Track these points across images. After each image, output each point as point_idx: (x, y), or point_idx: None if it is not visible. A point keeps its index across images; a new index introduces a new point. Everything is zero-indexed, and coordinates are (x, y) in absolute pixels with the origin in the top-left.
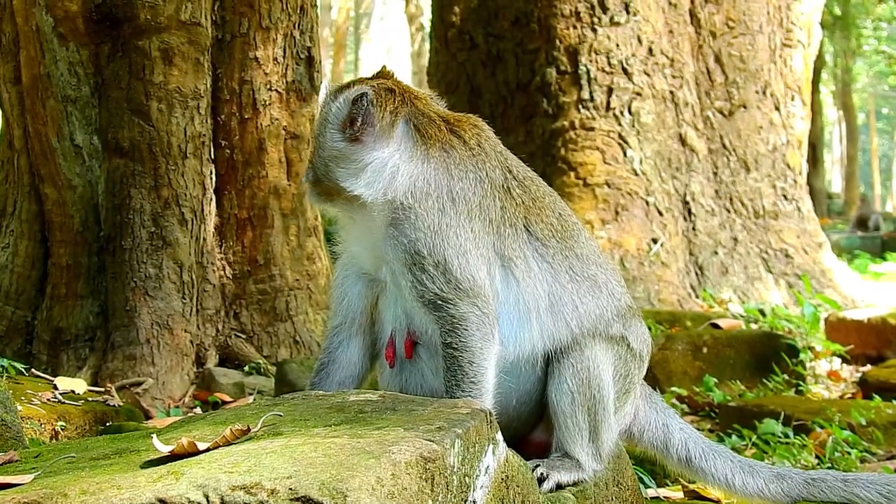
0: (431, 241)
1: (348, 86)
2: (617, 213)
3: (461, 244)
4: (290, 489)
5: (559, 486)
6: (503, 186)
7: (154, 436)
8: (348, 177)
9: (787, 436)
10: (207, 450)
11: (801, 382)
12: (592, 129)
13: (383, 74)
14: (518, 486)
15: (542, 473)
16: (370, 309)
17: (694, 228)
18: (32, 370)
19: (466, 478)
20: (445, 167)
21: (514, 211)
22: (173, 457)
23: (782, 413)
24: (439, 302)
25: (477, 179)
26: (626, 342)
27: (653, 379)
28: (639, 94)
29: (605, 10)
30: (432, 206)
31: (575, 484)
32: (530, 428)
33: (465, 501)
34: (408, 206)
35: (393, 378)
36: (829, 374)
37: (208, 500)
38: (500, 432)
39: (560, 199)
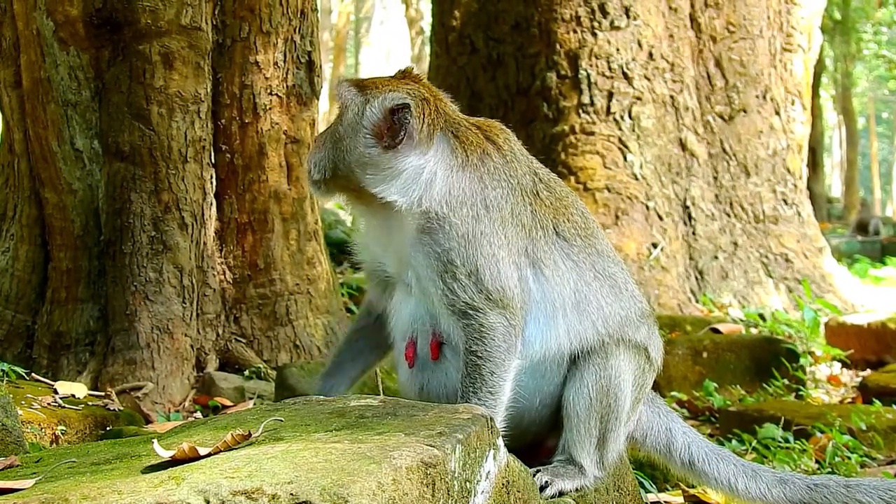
0: (465, 251)
1: (376, 87)
2: (617, 217)
3: (494, 253)
4: (291, 494)
5: (561, 494)
6: (532, 191)
7: (155, 441)
8: (379, 182)
9: (787, 440)
10: (208, 455)
11: (801, 387)
12: (592, 133)
13: (412, 77)
14: (519, 492)
15: (545, 481)
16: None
17: (694, 233)
18: (32, 374)
19: (467, 483)
20: (479, 176)
21: (543, 213)
22: (174, 462)
23: (782, 418)
24: (469, 311)
25: (509, 187)
26: (647, 353)
27: (653, 384)
28: (639, 98)
29: (605, 14)
30: (466, 215)
31: (577, 490)
32: (547, 432)
33: None
34: (442, 216)
35: (414, 377)
36: (829, 379)
37: None
38: (500, 438)
39: (578, 198)
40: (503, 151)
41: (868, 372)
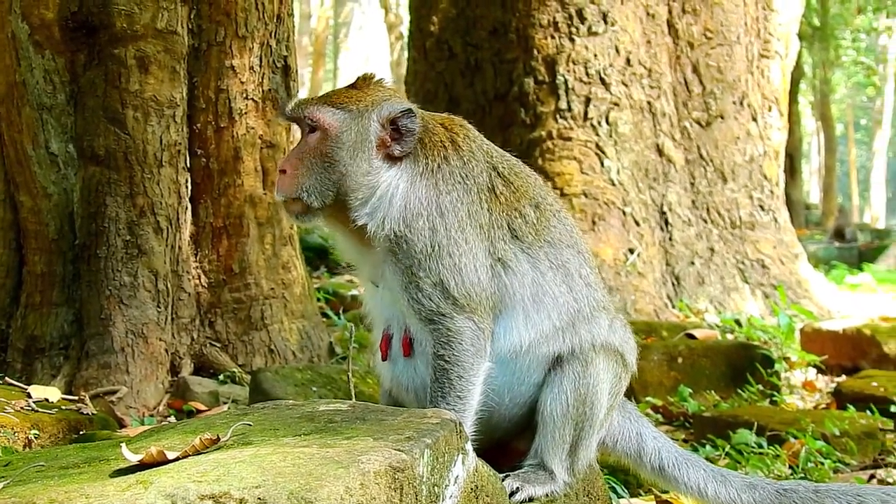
0: (427, 264)
1: (358, 99)
2: (594, 222)
3: (455, 262)
4: (259, 499)
5: (531, 499)
6: (489, 187)
7: (123, 445)
8: (359, 205)
9: (760, 446)
10: (177, 459)
11: (775, 393)
12: (570, 138)
13: (377, 83)
14: (488, 497)
15: (515, 486)
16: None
17: (671, 239)
18: (6, 378)
19: (435, 487)
20: (435, 182)
21: (499, 211)
22: (143, 466)
23: (756, 423)
24: (435, 317)
25: (465, 189)
26: (623, 359)
27: (628, 389)
28: (616, 104)
29: (582, 20)
30: (423, 227)
31: (546, 496)
32: (516, 434)
33: None
34: (400, 234)
35: (387, 368)
36: (804, 385)
37: None
38: (469, 442)
39: (540, 184)
40: (462, 152)
41: (843, 378)
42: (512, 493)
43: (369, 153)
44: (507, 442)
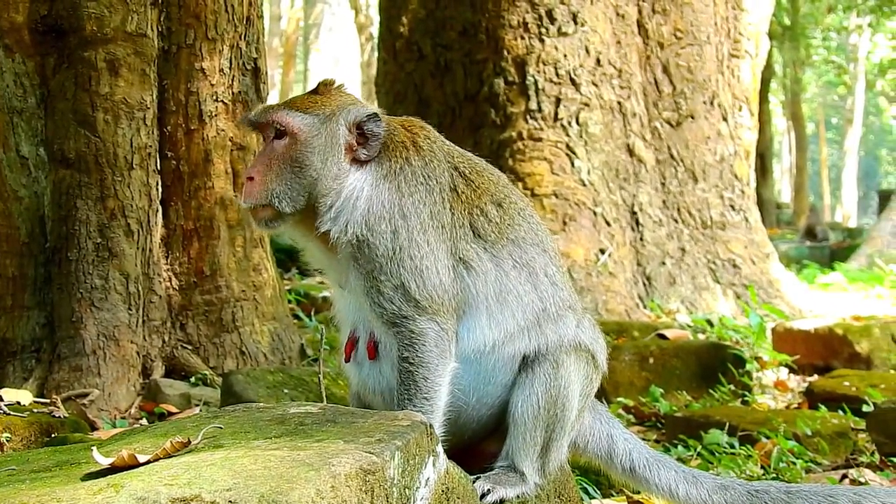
0: (388, 267)
1: (323, 104)
2: (565, 223)
3: (417, 264)
4: (230, 501)
5: (502, 501)
6: (451, 187)
7: (94, 448)
8: (326, 210)
9: (732, 446)
10: (147, 462)
11: (747, 393)
12: (540, 139)
13: (337, 89)
14: (459, 498)
15: (486, 488)
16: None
17: (642, 239)
18: None
19: (406, 490)
20: (397, 185)
21: (461, 210)
22: (114, 469)
23: (728, 423)
24: (397, 320)
25: (427, 190)
26: (594, 359)
27: (599, 389)
28: (586, 104)
29: (552, 20)
30: (385, 230)
31: (517, 497)
32: (485, 436)
33: None
34: (363, 239)
35: (353, 370)
36: (776, 385)
37: None
38: (440, 444)
39: (504, 182)
40: (423, 153)
41: (815, 377)
42: (483, 495)
43: (338, 157)
44: (478, 444)
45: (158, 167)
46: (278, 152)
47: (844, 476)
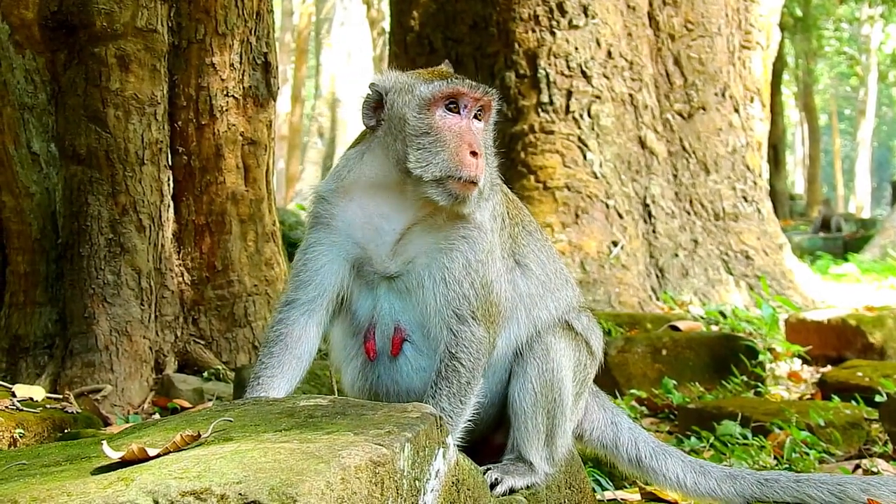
0: (486, 262)
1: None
2: (577, 216)
3: (499, 269)
4: (240, 494)
5: (512, 491)
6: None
7: (104, 442)
8: (478, 193)
9: (745, 437)
10: (157, 456)
11: (760, 384)
12: (552, 132)
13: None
14: (469, 490)
15: (495, 478)
16: (341, 291)
17: (654, 231)
18: None
19: (416, 481)
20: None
21: (511, 225)
22: (124, 463)
23: (741, 414)
24: (469, 318)
25: (501, 191)
26: (588, 346)
27: (612, 381)
28: (598, 97)
29: (563, 13)
30: (495, 228)
31: (528, 487)
32: (493, 429)
33: None
34: (482, 226)
35: (364, 371)
36: (789, 375)
37: None
38: (450, 436)
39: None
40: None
41: (828, 368)
42: (493, 486)
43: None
44: (485, 438)
45: (169, 162)
46: (479, 133)
47: (857, 466)
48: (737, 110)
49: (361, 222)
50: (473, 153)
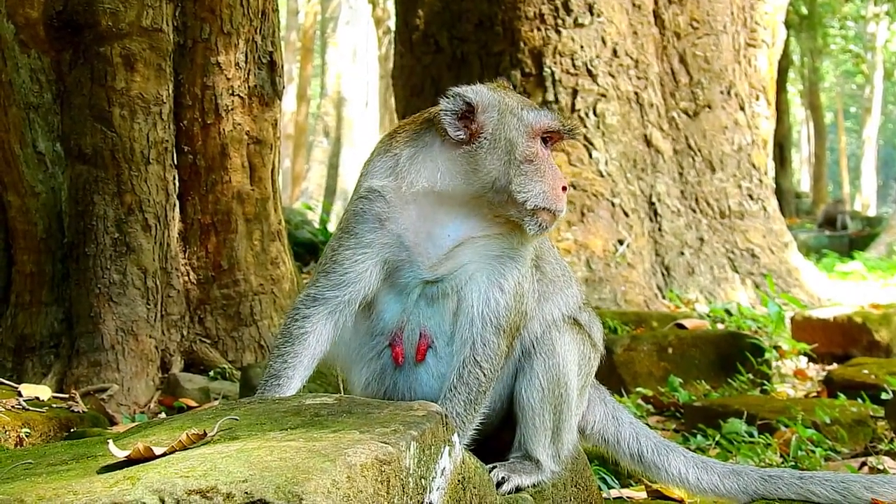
0: (527, 278)
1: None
2: (583, 214)
3: (531, 282)
4: (246, 493)
5: (518, 489)
6: None
7: (110, 441)
8: None
9: (751, 435)
10: (164, 454)
11: (765, 382)
12: None
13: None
14: (475, 488)
15: (501, 477)
16: (372, 292)
17: (660, 229)
18: None
19: (422, 480)
20: None
21: None
22: (130, 462)
23: (746, 412)
24: (501, 330)
25: None
26: (590, 338)
27: (618, 380)
28: (603, 95)
29: (568, 11)
30: (532, 245)
31: (534, 486)
32: (499, 427)
33: (422, 503)
34: (528, 244)
35: (381, 375)
36: (795, 373)
37: None
38: (456, 434)
39: None
40: None
41: (834, 366)
42: (499, 484)
43: None
44: (490, 436)
45: (175, 162)
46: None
47: (863, 464)
48: (742, 108)
49: (417, 227)
50: (564, 188)
